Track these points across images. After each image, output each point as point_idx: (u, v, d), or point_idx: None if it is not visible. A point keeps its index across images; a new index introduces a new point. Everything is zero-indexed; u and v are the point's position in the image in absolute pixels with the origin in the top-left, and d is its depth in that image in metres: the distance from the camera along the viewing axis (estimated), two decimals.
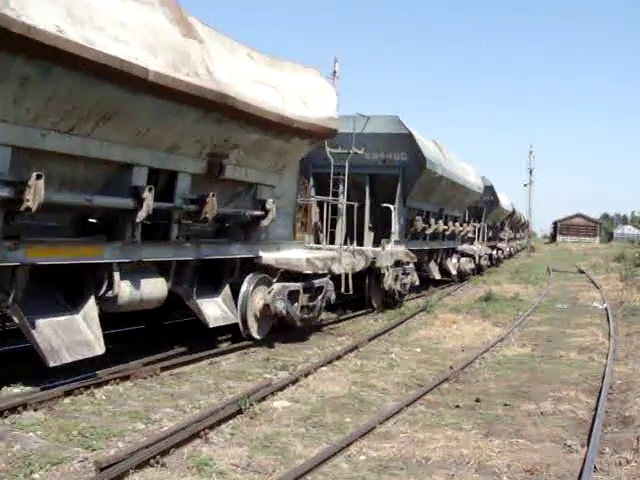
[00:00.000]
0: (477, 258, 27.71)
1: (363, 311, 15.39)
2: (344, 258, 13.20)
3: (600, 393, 8.42)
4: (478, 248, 28.29)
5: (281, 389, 8.09)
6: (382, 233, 17.00)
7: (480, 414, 7.57)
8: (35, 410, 6.76)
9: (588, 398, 8.38)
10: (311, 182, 17.20)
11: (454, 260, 24.80)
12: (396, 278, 15.87)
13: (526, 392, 8.67)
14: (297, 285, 11.26)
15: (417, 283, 18.18)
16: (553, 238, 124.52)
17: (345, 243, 14.51)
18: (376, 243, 16.77)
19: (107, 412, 6.94)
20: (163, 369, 8.70)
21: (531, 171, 68.06)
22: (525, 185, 67.79)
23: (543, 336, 13.33)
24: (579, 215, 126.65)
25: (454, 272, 24.50)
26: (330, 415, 7.25)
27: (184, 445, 5.95)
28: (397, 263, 16.07)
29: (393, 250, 16.11)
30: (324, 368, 9.47)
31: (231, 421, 6.76)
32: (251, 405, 7.08)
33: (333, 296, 12.37)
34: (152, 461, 5.49)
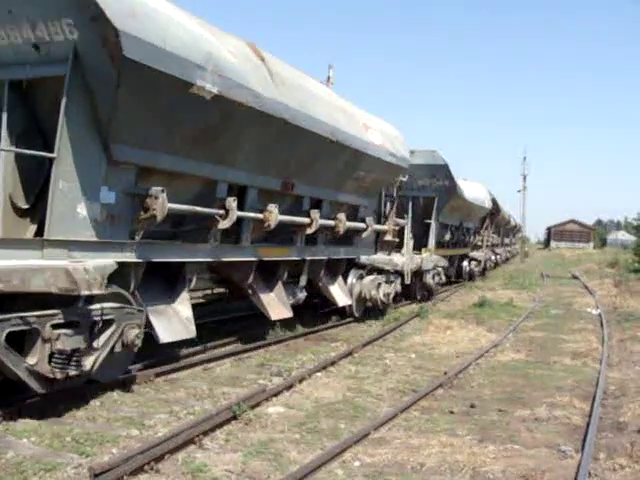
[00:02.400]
0: (407, 276, 17.27)
1: None
2: None
3: (594, 399, 8.44)
4: (408, 259, 17.45)
5: (275, 395, 8.08)
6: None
7: (475, 420, 7.57)
8: (29, 417, 6.73)
9: (582, 404, 8.39)
10: None
11: (351, 280, 14.74)
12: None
13: (520, 398, 8.68)
14: None
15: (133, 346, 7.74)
16: (547, 244, 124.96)
17: None
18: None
19: (101, 418, 6.91)
20: (157, 375, 8.67)
21: (525, 177, 68.23)
22: (519, 191, 67.94)
23: (537, 342, 13.35)
24: (573, 221, 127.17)
25: (344, 301, 14.22)
26: (324, 421, 7.25)
27: (178, 451, 5.94)
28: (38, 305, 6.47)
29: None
30: (318, 374, 9.46)
31: (225, 427, 6.75)
32: (245, 411, 7.07)
33: None
34: (146, 467, 5.48)
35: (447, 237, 24.17)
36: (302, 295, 12.83)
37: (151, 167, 8.28)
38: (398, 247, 17.67)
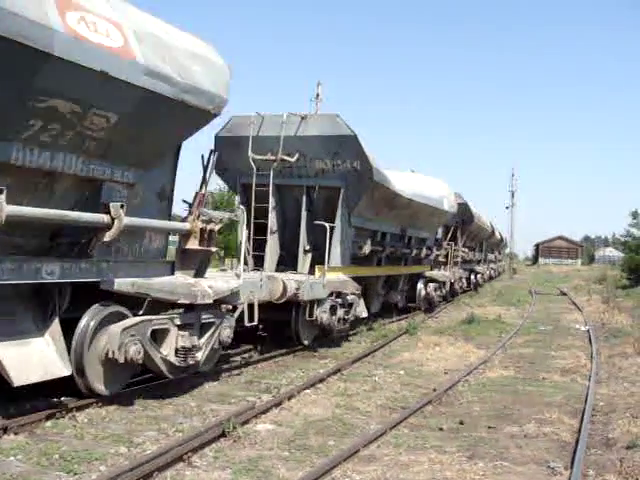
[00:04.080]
0: (247, 313, 10.25)
1: None
2: None
3: (583, 415, 8.45)
4: (251, 284, 10.48)
5: (264, 412, 8.05)
6: None
7: (464, 437, 7.57)
8: (16, 434, 6.67)
9: (571, 420, 8.40)
10: None
11: (86, 324, 7.63)
12: None
13: (509, 414, 8.69)
14: None
15: None
16: (535, 260, 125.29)
17: None
18: None
19: (89, 435, 6.86)
20: (146, 392, 8.63)
21: (513, 193, 68.75)
22: (507, 207, 68.34)
23: (526, 358, 13.37)
24: (561, 237, 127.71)
25: (44, 373, 7.11)
26: (314, 438, 7.22)
27: (167, 469, 5.90)
28: None
29: None
30: (307, 391, 9.44)
31: (214, 444, 6.71)
32: (234, 428, 7.03)
33: None
34: None
35: (367, 249, 15.41)
36: None
37: None
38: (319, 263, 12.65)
